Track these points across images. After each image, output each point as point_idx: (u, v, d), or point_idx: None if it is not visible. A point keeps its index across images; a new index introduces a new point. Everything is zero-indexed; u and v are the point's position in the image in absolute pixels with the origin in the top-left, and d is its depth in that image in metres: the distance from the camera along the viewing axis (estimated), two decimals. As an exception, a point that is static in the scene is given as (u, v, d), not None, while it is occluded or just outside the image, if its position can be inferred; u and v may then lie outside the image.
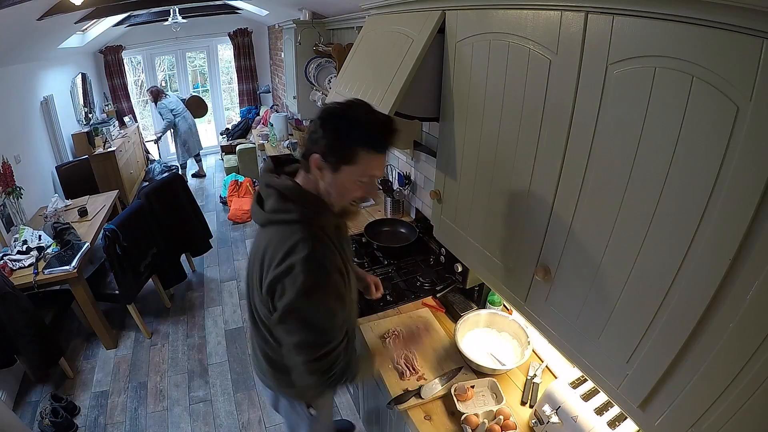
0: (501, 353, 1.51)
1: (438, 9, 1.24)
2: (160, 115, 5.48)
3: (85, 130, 4.79)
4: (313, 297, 0.98)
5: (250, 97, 6.73)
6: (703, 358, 0.65)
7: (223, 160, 5.97)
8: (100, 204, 3.50)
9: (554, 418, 1.17)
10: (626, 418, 1.04)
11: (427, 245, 2.21)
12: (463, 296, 1.81)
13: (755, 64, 0.52)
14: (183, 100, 5.83)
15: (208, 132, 7.32)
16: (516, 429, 1.24)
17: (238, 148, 5.41)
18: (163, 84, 7.00)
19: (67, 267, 2.52)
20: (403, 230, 2.40)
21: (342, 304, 1.05)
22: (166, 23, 4.69)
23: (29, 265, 2.56)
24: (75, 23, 3.50)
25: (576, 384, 1.22)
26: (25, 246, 2.68)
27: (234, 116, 7.12)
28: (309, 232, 1.00)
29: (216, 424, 2.34)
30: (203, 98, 6.33)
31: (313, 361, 1.03)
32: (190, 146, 5.66)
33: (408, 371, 1.48)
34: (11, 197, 3.12)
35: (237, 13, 5.78)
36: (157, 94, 5.41)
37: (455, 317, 1.73)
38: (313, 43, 3.16)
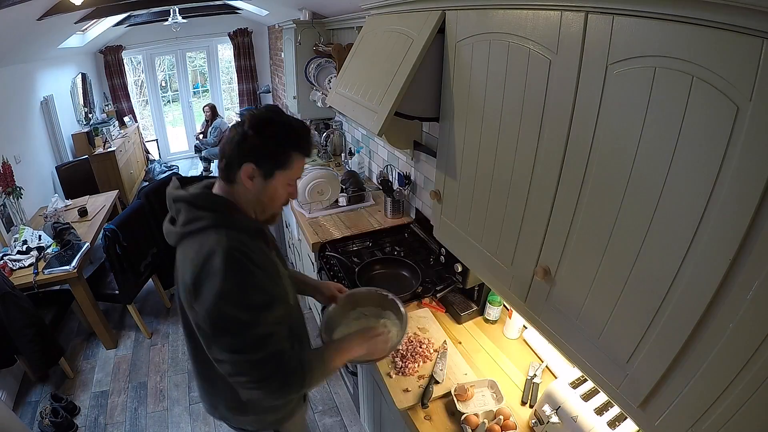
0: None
1: (438, 9, 1.24)
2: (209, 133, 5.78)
3: (85, 130, 4.79)
4: (236, 298, 0.91)
5: (250, 97, 6.72)
6: (703, 358, 0.65)
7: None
8: (100, 204, 3.50)
9: (554, 418, 1.17)
10: (626, 418, 1.05)
11: (427, 245, 2.21)
12: (463, 296, 1.81)
13: (755, 64, 0.52)
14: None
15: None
16: (516, 429, 1.24)
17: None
18: (163, 84, 7.00)
19: (67, 267, 2.52)
20: (405, 273, 1.98)
21: (272, 301, 0.98)
22: (166, 23, 4.68)
23: (29, 265, 2.57)
24: (75, 23, 3.49)
25: (576, 384, 1.22)
26: (25, 246, 2.68)
27: (234, 116, 7.11)
28: (225, 234, 0.96)
29: (216, 424, 2.34)
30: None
31: (254, 363, 0.95)
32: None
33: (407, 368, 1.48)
34: (11, 197, 3.12)
35: (237, 13, 5.77)
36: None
37: (455, 317, 1.73)
38: (313, 43, 3.16)
